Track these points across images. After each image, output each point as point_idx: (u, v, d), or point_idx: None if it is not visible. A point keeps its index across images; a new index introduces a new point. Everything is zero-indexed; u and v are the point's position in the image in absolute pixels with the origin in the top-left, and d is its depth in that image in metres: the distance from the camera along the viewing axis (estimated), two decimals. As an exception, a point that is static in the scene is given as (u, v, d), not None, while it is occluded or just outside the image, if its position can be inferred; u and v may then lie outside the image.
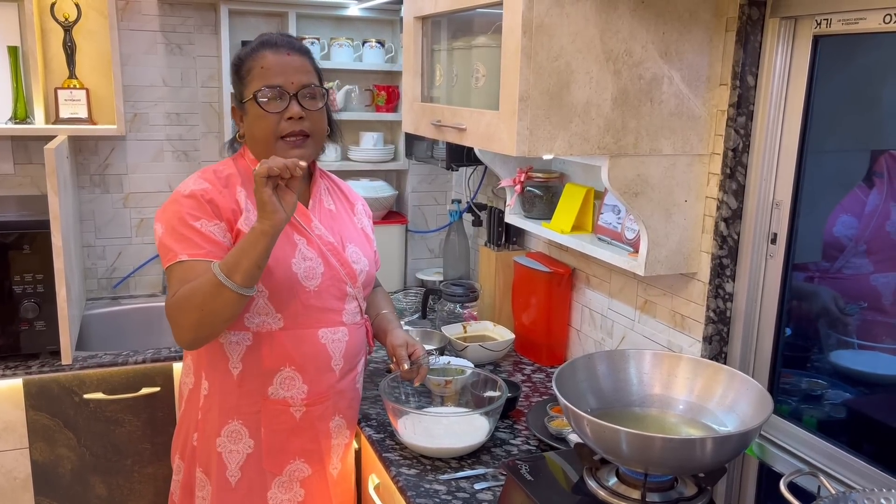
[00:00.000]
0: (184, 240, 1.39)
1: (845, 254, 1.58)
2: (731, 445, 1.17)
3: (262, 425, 1.49)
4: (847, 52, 1.45)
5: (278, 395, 1.49)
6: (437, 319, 2.34)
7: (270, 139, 1.45)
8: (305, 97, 1.46)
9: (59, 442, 2.11)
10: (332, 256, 1.52)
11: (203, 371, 1.51)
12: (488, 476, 1.51)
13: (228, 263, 1.32)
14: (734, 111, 1.51)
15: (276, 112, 1.43)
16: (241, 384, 1.48)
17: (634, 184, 1.53)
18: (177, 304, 1.35)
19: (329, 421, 1.56)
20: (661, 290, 1.75)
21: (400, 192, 2.87)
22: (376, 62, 2.71)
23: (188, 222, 1.40)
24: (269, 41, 1.48)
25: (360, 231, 1.65)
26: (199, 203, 1.42)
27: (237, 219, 1.44)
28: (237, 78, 1.50)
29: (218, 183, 1.46)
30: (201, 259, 1.38)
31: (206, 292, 1.32)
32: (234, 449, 1.50)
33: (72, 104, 2.39)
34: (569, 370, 1.39)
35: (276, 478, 1.52)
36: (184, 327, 1.36)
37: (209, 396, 1.50)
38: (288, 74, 1.44)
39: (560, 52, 1.39)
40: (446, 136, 1.71)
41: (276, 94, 1.43)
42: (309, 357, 1.50)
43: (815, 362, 1.61)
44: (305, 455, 1.54)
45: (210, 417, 1.50)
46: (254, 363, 1.47)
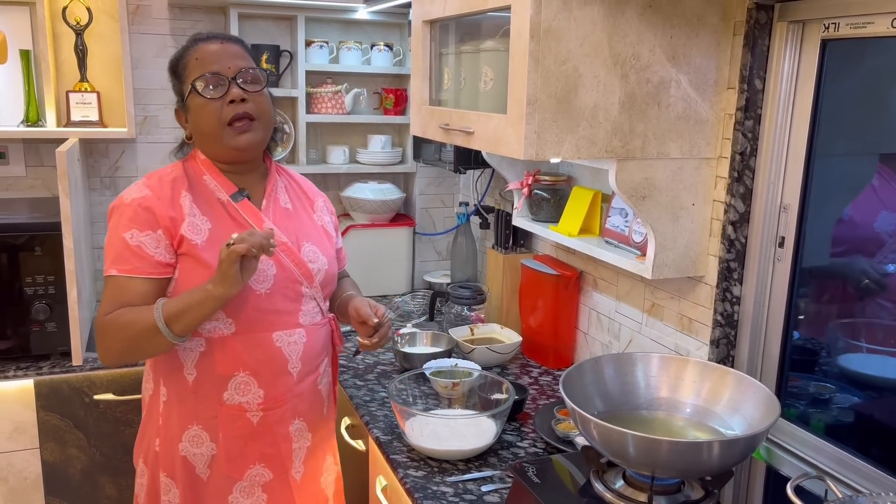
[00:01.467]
0: (115, 253, 1.39)
1: (883, 249, 1.56)
2: (738, 449, 1.17)
3: (220, 431, 1.47)
4: (855, 55, 1.45)
5: (234, 401, 1.46)
6: (444, 322, 2.34)
7: (216, 128, 1.42)
8: (245, 81, 1.44)
9: (69, 442, 2.13)
10: (284, 257, 1.48)
11: (161, 377, 1.49)
12: (495, 478, 1.51)
13: (171, 312, 1.33)
14: (742, 115, 1.51)
15: (216, 98, 1.41)
16: (197, 390, 1.46)
17: (642, 187, 1.53)
18: (108, 327, 1.36)
19: (288, 425, 1.53)
20: (669, 293, 1.75)
21: (407, 195, 2.88)
22: (384, 65, 2.72)
23: (121, 234, 1.39)
24: (201, 36, 1.48)
25: (320, 228, 1.61)
26: (135, 212, 1.39)
27: (178, 225, 1.41)
28: (175, 79, 1.48)
29: (160, 189, 1.42)
30: (127, 275, 1.37)
31: (140, 330, 1.34)
32: (197, 452, 1.48)
33: (83, 107, 2.41)
34: (576, 373, 1.39)
35: (237, 483, 1.50)
36: (109, 351, 1.39)
37: (168, 402, 1.48)
38: (224, 60, 1.43)
39: (568, 56, 1.40)
40: (454, 139, 1.71)
41: (214, 81, 1.41)
42: (263, 361, 1.47)
43: (822, 366, 1.60)
44: (265, 460, 1.51)
45: (171, 423, 1.48)
46: (207, 369, 1.45)
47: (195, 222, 1.42)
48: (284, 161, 2.68)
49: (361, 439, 1.89)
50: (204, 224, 1.43)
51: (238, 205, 1.47)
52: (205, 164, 1.49)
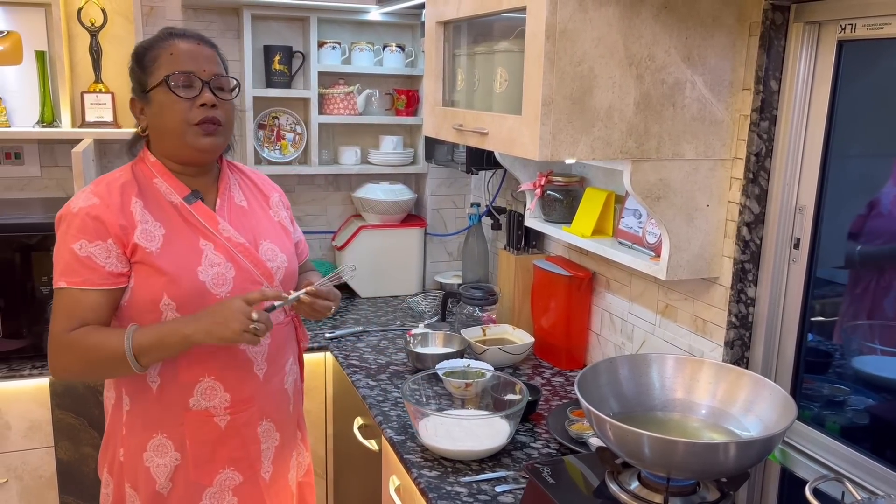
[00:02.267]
0: (64, 264, 1.36)
1: None
2: (754, 450, 1.17)
3: (187, 437, 1.44)
4: (871, 56, 1.45)
5: (200, 406, 1.44)
6: (456, 322, 2.34)
7: (181, 126, 1.40)
8: (218, 87, 1.43)
9: (83, 441, 2.14)
10: (243, 258, 1.45)
11: (122, 386, 1.46)
12: (509, 479, 1.51)
13: (142, 345, 1.32)
14: (757, 116, 1.51)
15: (188, 98, 1.39)
16: (161, 398, 1.43)
17: (657, 188, 1.53)
18: (70, 346, 1.34)
19: (256, 426, 1.51)
20: (683, 294, 1.75)
21: (419, 196, 2.88)
22: (396, 66, 2.73)
23: (69, 245, 1.35)
24: (176, 31, 1.45)
25: (277, 224, 1.58)
26: (84, 222, 1.35)
27: (130, 234, 1.37)
28: (139, 68, 1.44)
29: (108, 196, 1.38)
30: (78, 287, 1.35)
31: (106, 356, 1.33)
32: (161, 462, 1.44)
33: (97, 108, 2.43)
34: (591, 374, 1.39)
35: (207, 489, 1.47)
36: (63, 369, 1.37)
37: (131, 412, 1.45)
38: (199, 63, 1.41)
39: (583, 57, 1.40)
40: (468, 140, 1.72)
41: (188, 80, 1.40)
42: (228, 365, 1.45)
43: (837, 368, 1.60)
44: (234, 463, 1.49)
45: (134, 433, 1.45)
46: (171, 376, 1.42)
47: (148, 229, 1.39)
48: (297, 162, 2.69)
49: (374, 439, 1.89)
50: (157, 230, 1.40)
51: (192, 207, 1.44)
52: (155, 167, 1.45)
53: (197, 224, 1.44)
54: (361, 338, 2.34)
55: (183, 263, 1.39)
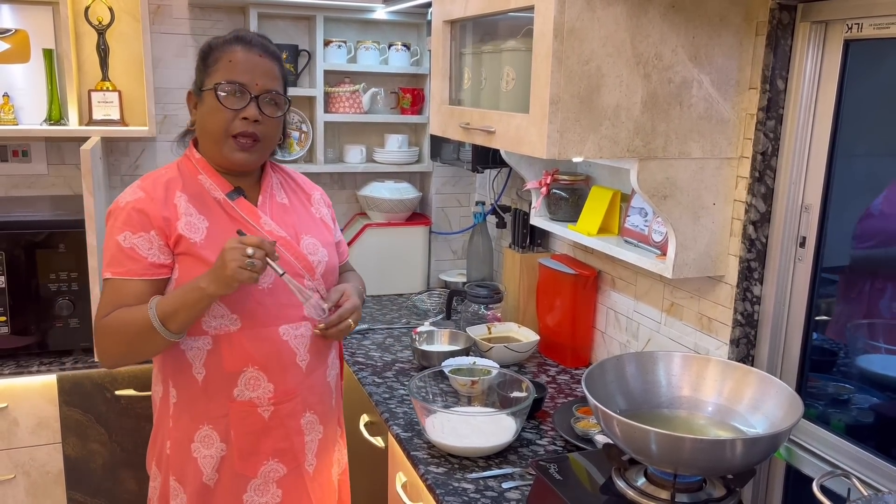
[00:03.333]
0: (109, 255, 1.40)
1: None
2: (761, 447, 1.18)
3: (231, 428, 1.46)
4: (878, 56, 1.45)
5: (244, 397, 1.46)
6: (461, 320, 2.35)
7: (220, 135, 1.43)
8: (266, 102, 1.45)
9: (90, 437, 2.15)
10: (285, 251, 1.48)
11: (169, 379, 1.49)
12: (515, 475, 1.52)
13: (166, 310, 1.34)
14: (763, 115, 1.52)
15: (232, 108, 1.41)
16: (206, 389, 1.46)
17: (663, 187, 1.54)
18: (105, 330, 1.38)
19: (300, 418, 1.53)
20: (688, 292, 1.75)
21: (424, 194, 2.89)
22: (402, 65, 2.73)
23: (114, 237, 1.39)
24: (244, 37, 1.46)
25: (318, 220, 1.61)
26: (128, 214, 1.39)
27: (173, 225, 1.41)
28: (202, 65, 1.47)
29: (153, 190, 1.42)
30: (121, 277, 1.38)
31: (137, 331, 1.35)
32: (207, 454, 1.47)
33: (105, 106, 2.44)
34: (598, 371, 1.40)
35: (251, 481, 1.49)
36: (108, 354, 1.40)
37: (178, 404, 1.48)
38: (254, 75, 1.43)
39: (591, 56, 1.40)
40: (475, 138, 1.72)
41: (236, 91, 1.41)
42: (271, 355, 1.47)
43: (842, 367, 1.60)
44: (279, 455, 1.51)
45: (181, 424, 1.48)
46: (216, 367, 1.45)
47: (192, 221, 1.42)
48: (302, 160, 2.70)
49: (381, 436, 1.90)
50: (201, 223, 1.43)
51: (234, 203, 1.47)
52: (200, 163, 1.48)
53: (239, 218, 1.47)
54: (367, 335, 2.35)
55: None
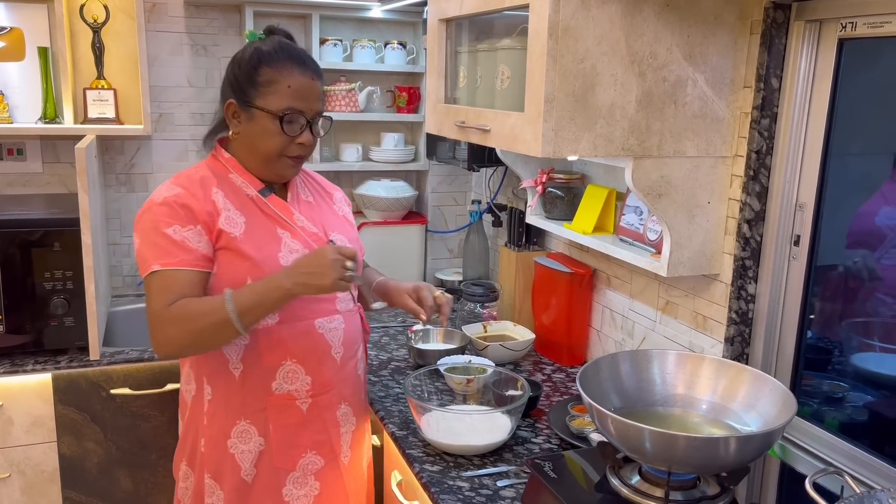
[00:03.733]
0: (157, 248, 1.39)
1: (885, 244, 1.57)
2: (754, 445, 1.18)
3: (270, 422, 1.49)
4: (872, 55, 1.46)
5: (283, 390, 1.49)
6: (457, 319, 2.35)
7: (274, 156, 1.46)
8: (317, 125, 1.49)
9: (86, 436, 2.15)
10: (316, 245, 1.51)
11: (204, 376, 1.50)
12: (510, 473, 1.52)
13: (243, 304, 1.34)
14: (758, 113, 1.52)
15: (291, 135, 1.45)
16: (244, 383, 1.48)
17: (658, 185, 1.54)
18: (174, 318, 1.36)
19: (336, 410, 1.56)
20: (683, 291, 1.76)
21: (420, 193, 2.89)
22: (398, 64, 2.73)
23: (161, 230, 1.39)
24: (298, 57, 1.47)
25: (342, 218, 1.66)
26: (172, 209, 1.40)
27: (216, 220, 1.43)
28: (251, 79, 1.45)
29: (191, 186, 1.44)
30: (174, 268, 1.38)
31: (209, 323, 1.35)
32: (245, 449, 1.49)
33: (100, 104, 2.43)
34: (593, 369, 1.40)
35: (290, 474, 1.52)
36: (169, 343, 1.37)
37: (213, 400, 1.49)
38: (310, 101, 1.46)
39: (585, 55, 1.41)
40: (470, 137, 1.72)
41: (297, 119, 1.45)
42: (308, 348, 1.50)
43: (836, 365, 1.61)
44: (317, 447, 1.54)
45: (216, 421, 1.49)
46: (254, 361, 1.47)
47: (230, 216, 1.44)
48: (298, 158, 2.69)
49: (376, 434, 1.90)
50: (238, 218, 1.45)
51: (267, 199, 1.50)
52: (230, 163, 1.51)
53: (273, 214, 1.50)
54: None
55: (265, 249, 1.45)
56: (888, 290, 1.54)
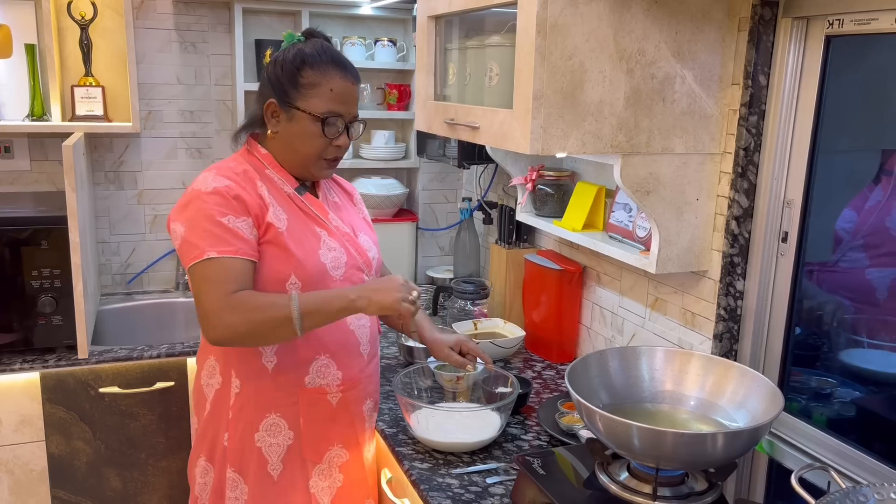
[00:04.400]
0: (211, 236, 1.37)
1: (841, 247, 1.59)
2: (742, 441, 1.19)
3: (301, 415, 1.51)
4: (858, 52, 1.46)
5: (315, 384, 1.52)
6: (447, 316, 2.35)
7: (313, 157, 1.49)
8: (353, 128, 1.52)
9: (74, 435, 2.14)
10: (350, 246, 1.55)
11: (233, 369, 1.50)
12: (500, 470, 1.52)
13: (307, 306, 1.35)
14: (746, 110, 1.52)
15: (331, 138, 1.48)
16: (277, 377, 1.49)
17: (646, 182, 1.54)
18: (234, 305, 1.34)
19: (362, 404, 1.61)
20: (672, 287, 1.76)
21: (410, 190, 2.89)
22: (388, 61, 2.73)
23: (215, 218, 1.38)
24: (339, 62, 1.49)
25: (364, 220, 1.69)
26: (225, 199, 1.40)
27: (265, 213, 1.44)
28: (292, 80, 1.45)
29: (238, 178, 1.45)
30: (231, 256, 1.37)
31: (272, 316, 1.35)
32: (273, 442, 1.51)
33: (88, 101, 2.42)
34: (581, 366, 1.40)
35: (316, 466, 1.55)
36: (227, 329, 1.34)
37: (241, 394, 1.49)
38: (350, 105, 1.49)
39: (574, 52, 1.41)
40: (459, 134, 1.72)
41: (337, 122, 1.47)
42: (341, 344, 1.53)
43: (824, 361, 1.62)
44: (343, 440, 1.58)
45: (244, 415, 1.50)
46: (288, 355, 1.49)
47: (276, 211, 1.46)
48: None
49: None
50: (282, 213, 1.47)
51: (303, 197, 1.53)
52: (266, 159, 1.52)
53: (310, 213, 1.53)
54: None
55: (306, 246, 1.47)
56: (848, 291, 1.56)
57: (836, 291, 1.58)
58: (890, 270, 1.50)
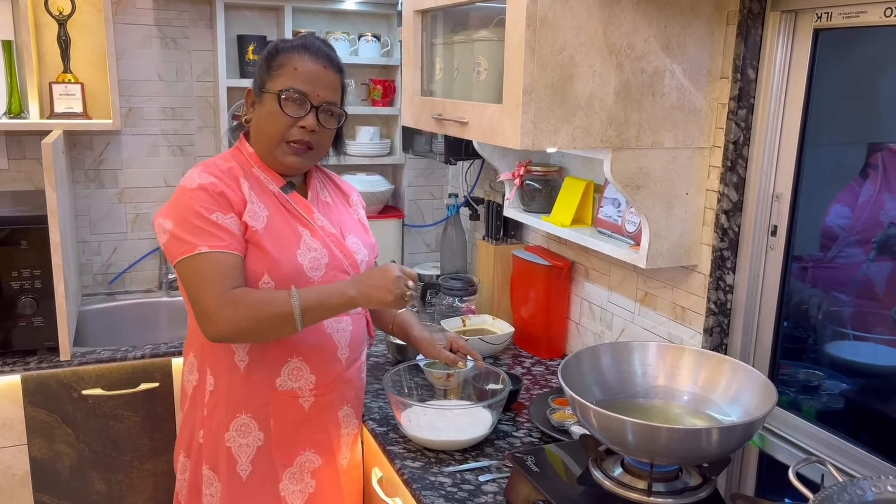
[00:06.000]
0: (201, 232, 1.37)
1: (838, 243, 1.60)
2: (735, 435, 1.18)
3: (271, 417, 1.49)
4: (846, 45, 1.46)
5: (287, 387, 1.49)
6: (435, 313, 2.34)
7: (276, 139, 1.46)
8: (325, 113, 1.47)
9: (57, 438, 2.10)
10: (334, 247, 1.52)
11: (208, 367, 1.50)
12: (492, 468, 1.51)
13: (307, 302, 1.35)
14: (735, 104, 1.52)
15: (293, 116, 1.44)
16: (249, 377, 1.47)
17: (636, 177, 1.54)
18: (234, 302, 1.33)
19: (338, 410, 1.57)
20: (662, 282, 1.76)
21: (396, 187, 2.87)
22: (372, 56, 2.70)
23: (203, 215, 1.38)
24: (312, 45, 1.48)
25: (358, 221, 1.66)
26: (211, 196, 1.40)
27: (243, 211, 1.43)
28: (266, 66, 1.47)
29: (223, 176, 1.44)
30: (223, 251, 1.36)
31: (272, 313, 1.34)
32: (243, 443, 1.49)
33: (66, 98, 2.37)
34: (574, 362, 1.39)
35: (287, 469, 1.52)
36: (227, 325, 1.33)
37: (215, 392, 1.49)
38: (317, 86, 1.45)
39: (563, 46, 1.40)
40: (447, 129, 1.71)
41: (298, 100, 1.44)
42: (315, 347, 1.50)
43: (811, 353, 1.62)
44: (315, 446, 1.54)
45: (217, 413, 1.49)
46: (261, 355, 1.47)
47: (254, 209, 1.44)
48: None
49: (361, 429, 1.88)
50: (262, 211, 1.45)
51: (289, 196, 1.50)
52: (253, 157, 1.50)
53: (294, 211, 1.50)
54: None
55: (284, 245, 1.45)
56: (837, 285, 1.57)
57: (825, 285, 1.59)
58: (880, 264, 1.51)
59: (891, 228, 1.50)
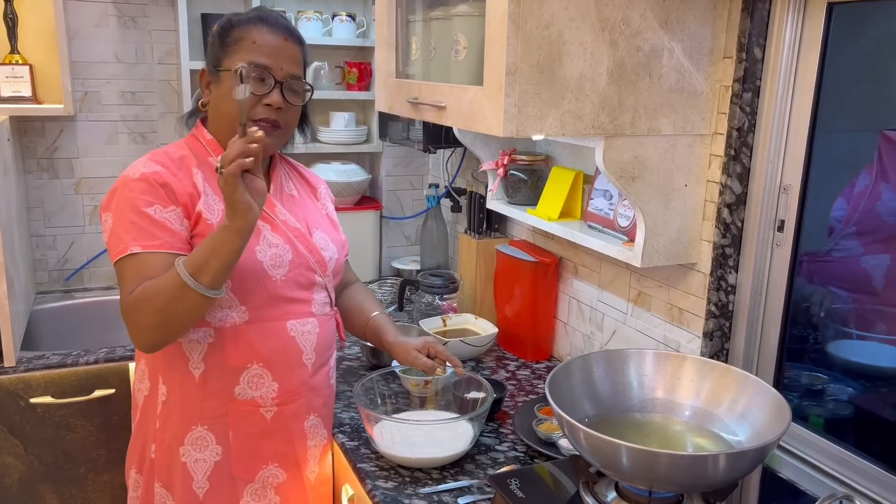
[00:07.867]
0: (135, 229, 1.27)
1: (834, 235, 1.49)
2: (746, 461, 1.05)
3: (230, 429, 1.38)
4: (860, 21, 1.33)
5: (246, 396, 1.37)
6: (414, 312, 2.20)
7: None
8: (290, 89, 1.37)
9: (3, 450, 1.94)
10: (299, 243, 1.41)
11: (160, 374, 1.39)
12: (473, 488, 1.38)
13: (195, 263, 1.20)
14: (739, 87, 1.38)
15: (255, 93, 1.32)
16: (204, 386, 1.36)
17: (631, 167, 1.40)
18: (135, 303, 1.23)
19: (303, 420, 1.45)
20: (657, 281, 1.63)
21: (373, 177, 2.72)
22: (347, 37, 2.55)
23: (140, 209, 1.27)
24: (269, 17, 1.38)
25: (326, 216, 1.55)
26: (152, 187, 1.29)
27: (195, 202, 1.32)
28: (220, 42, 1.37)
29: (171, 165, 1.33)
30: (156, 251, 1.26)
31: (168, 293, 1.21)
32: (199, 458, 1.38)
33: (14, 81, 2.20)
34: (563, 373, 1.26)
35: (249, 485, 1.41)
36: (144, 330, 1.24)
37: (168, 402, 1.38)
38: (279, 60, 1.35)
39: (551, 20, 1.25)
40: (424, 114, 1.56)
41: (261, 75, 1.33)
42: (277, 352, 1.39)
43: (813, 354, 1.50)
44: (279, 459, 1.43)
45: (170, 426, 1.38)
46: (217, 362, 1.36)
47: (208, 202, 1.33)
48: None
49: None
50: (217, 204, 1.34)
51: None
52: (211, 145, 1.40)
53: None
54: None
55: None
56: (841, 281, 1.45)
57: (822, 280, 1.48)
58: (882, 258, 1.40)
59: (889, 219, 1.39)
